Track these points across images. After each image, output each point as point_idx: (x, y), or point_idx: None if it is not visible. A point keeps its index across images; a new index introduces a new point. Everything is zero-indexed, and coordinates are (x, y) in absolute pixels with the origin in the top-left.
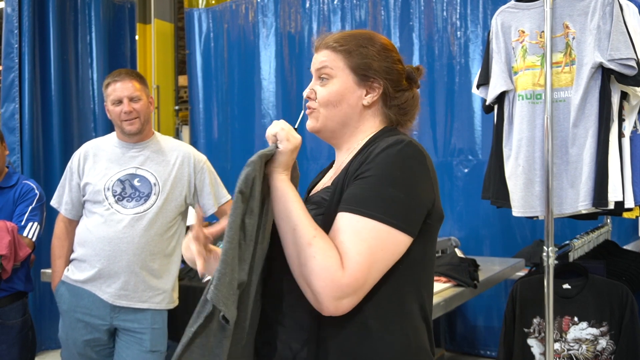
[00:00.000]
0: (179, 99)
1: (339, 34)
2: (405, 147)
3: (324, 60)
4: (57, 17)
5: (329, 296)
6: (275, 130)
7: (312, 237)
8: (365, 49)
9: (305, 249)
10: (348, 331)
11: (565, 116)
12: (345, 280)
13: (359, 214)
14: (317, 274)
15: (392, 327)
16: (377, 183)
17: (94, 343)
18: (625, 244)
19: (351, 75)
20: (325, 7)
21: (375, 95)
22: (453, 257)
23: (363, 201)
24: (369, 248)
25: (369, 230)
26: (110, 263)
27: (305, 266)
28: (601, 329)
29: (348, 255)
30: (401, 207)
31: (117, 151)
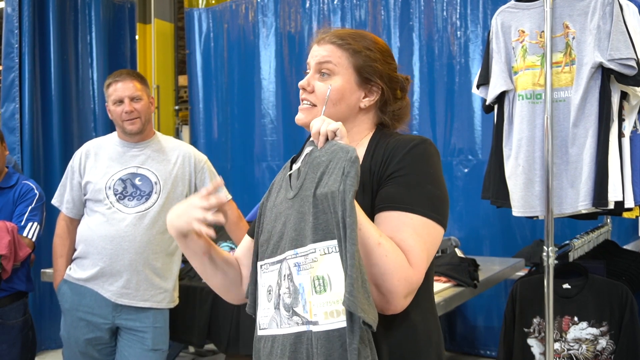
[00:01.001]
0: (179, 98)
1: (344, 31)
2: (429, 145)
3: (327, 55)
4: (57, 17)
5: (402, 293)
6: (336, 125)
7: (379, 236)
8: (371, 52)
9: (375, 250)
10: (396, 329)
11: (565, 116)
12: (416, 276)
13: (411, 211)
14: (391, 272)
15: (430, 320)
16: (416, 181)
17: (96, 342)
18: (625, 243)
19: (354, 75)
20: (325, 7)
21: (372, 100)
22: (453, 257)
23: (410, 199)
24: (425, 244)
25: (423, 226)
26: (113, 261)
27: (377, 266)
28: (601, 329)
29: (413, 252)
30: (439, 203)
31: (119, 150)
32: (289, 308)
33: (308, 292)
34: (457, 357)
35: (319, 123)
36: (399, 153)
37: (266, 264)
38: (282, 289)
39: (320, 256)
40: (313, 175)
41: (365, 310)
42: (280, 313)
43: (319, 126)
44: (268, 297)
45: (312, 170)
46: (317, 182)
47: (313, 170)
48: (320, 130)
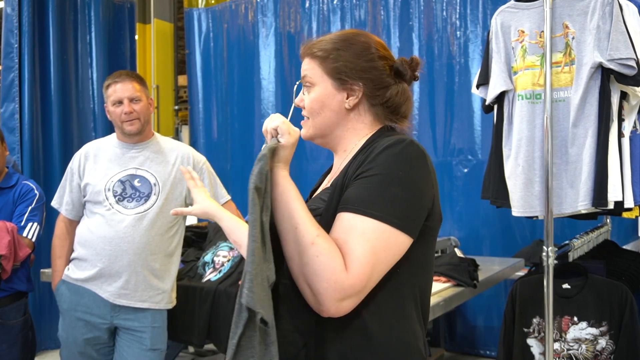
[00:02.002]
0: (178, 98)
1: (321, 39)
2: (407, 146)
3: (305, 69)
4: (57, 17)
5: (331, 297)
6: (277, 123)
7: (315, 236)
8: (339, 51)
9: (308, 249)
10: (348, 336)
11: (565, 116)
12: (349, 281)
13: (362, 214)
14: (320, 274)
15: (392, 332)
16: (380, 182)
17: (94, 342)
18: (624, 243)
19: (329, 81)
20: (325, 7)
21: (356, 98)
22: (453, 257)
23: (366, 201)
24: (372, 249)
25: (373, 230)
26: (112, 262)
27: (308, 266)
28: (601, 329)
29: (352, 256)
30: (404, 208)
31: (117, 152)
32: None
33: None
34: (457, 357)
35: (267, 122)
36: (372, 153)
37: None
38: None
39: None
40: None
41: (265, 307)
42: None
43: (266, 124)
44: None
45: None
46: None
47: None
48: (267, 128)
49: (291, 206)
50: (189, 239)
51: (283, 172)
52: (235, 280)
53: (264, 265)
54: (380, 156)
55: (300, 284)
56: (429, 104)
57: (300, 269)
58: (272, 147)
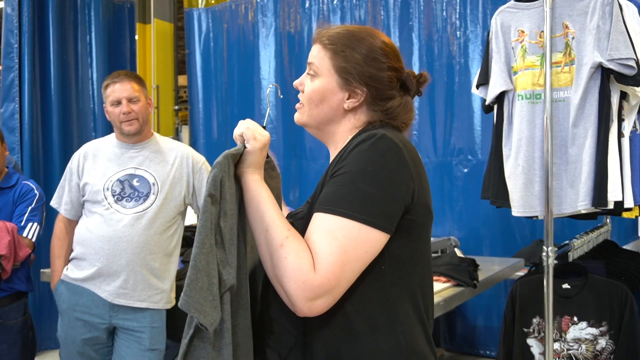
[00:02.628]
0: (178, 98)
1: (336, 29)
2: (377, 140)
3: (314, 56)
4: (57, 17)
5: (301, 297)
6: (241, 130)
7: (284, 237)
8: (352, 51)
9: (277, 250)
10: (334, 335)
11: (565, 116)
12: (317, 281)
13: (330, 212)
14: (288, 275)
15: (380, 329)
16: (349, 180)
17: (93, 342)
18: (624, 243)
19: (335, 76)
20: (325, 7)
21: (357, 101)
22: (452, 257)
23: (335, 200)
24: (341, 247)
25: (341, 228)
26: (110, 262)
27: (278, 267)
28: (601, 329)
29: (319, 255)
30: (374, 203)
31: (117, 151)
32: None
33: None
34: (457, 357)
35: (237, 127)
36: (346, 151)
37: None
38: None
39: None
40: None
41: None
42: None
43: (236, 129)
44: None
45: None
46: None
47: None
48: (235, 134)
49: (262, 209)
50: (189, 239)
51: (253, 176)
52: None
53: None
54: (351, 154)
55: (275, 285)
56: (429, 104)
57: (272, 271)
58: (231, 153)
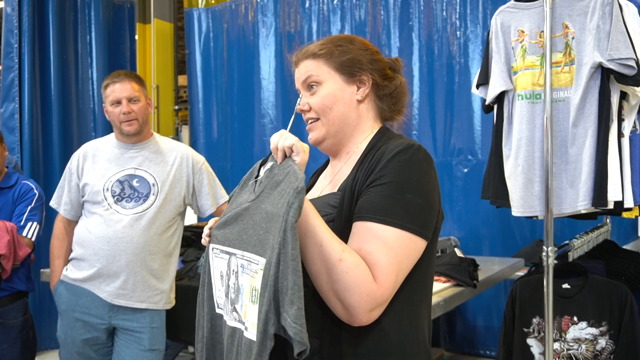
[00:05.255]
0: (178, 98)
1: (313, 43)
2: (416, 151)
3: (307, 71)
4: (57, 17)
5: (364, 309)
6: (292, 141)
7: (341, 252)
8: (344, 46)
9: (336, 266)
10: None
11: (565, 116)
12: (379, 291)
13: (383, 223)
14: (352, 289)
15: (405, 327)
16: (395, 190)
17: (93, 342)
18: (624, 243)
19: (338, 75)
20: (325, 7)
21: (366, 88)
22: (453, 257)
23: (385, 209)
24: (396, 257)
25: (395, 239)
26: (110, 262)
27: (339, 282)
28: (600, 329)
29: (379, 266)
30: (420, 213)
31: (116, 152)
32: (232, 303)
33: (245, 295)
34: (457, 357)
35: (277, 138)
36: (383, 160)
37: (217, 249)
38: (230, 282)
39: (260, 270)
40: (270, 191)
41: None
42: (228, 302)
43: (277, 142)
44: (221, 281)
45: (269, 185)
46: (270, 199)
47: (270, 186)
48: (278, 145)
49: (312, 223)
50: (189, 239)
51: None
52: None
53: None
54: (391, 163)
55: (330, 299)
56: (429, 104)
57: (329, 285)
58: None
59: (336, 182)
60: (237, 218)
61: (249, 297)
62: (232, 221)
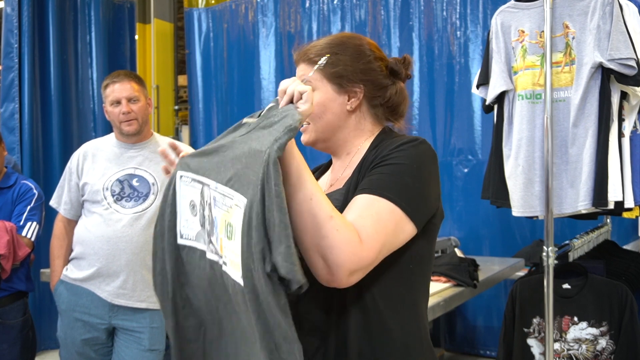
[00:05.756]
0: (178, 98)
1: (314, 43)
2: (421, 144)
3: (303, 75)
4: (57, 17)
5: (347, 269)
6: (306, 88)
7: (331, 209)
8: (337, 56)
9: (326, 222)
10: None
11: (565, 116)
12: (364, 253)
13: (377, 194)
14: (339, 247)
15: (408, 326)
16: (394, 170)
17: (93, 342)
18: (624, 243)
19: (329, 85)
20: (325, 7)
21: (357, 100)
22: (453, 257)
23: (381, 185)
24: (384, 228)
25: (386, 211)
26: (109, 262)
27: (326, 238)
28: (601, 329)
29: (366, 230)
30: (415, 198)
31: (116, 151)
32: (208, 234)
33: (220, 229)
34: (457, 357)
35: (288, 82)
36: (387, 149)
37: (187, 177)
38: (205, 212)
39: (235, 206)
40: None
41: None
42: (205, 234)
43: (287, 85)
44: (192, 210)
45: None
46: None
47: (263, 125)
48: (288, 89)
49: (303, 175)
50: None
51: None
52: None
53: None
54: (395, 151)
55: (312, 256)
56: (429, 104)
57: (315, 241)
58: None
59: (341, 181)
60: (218, 149)
61: (224, 232)
62: (212, 152)
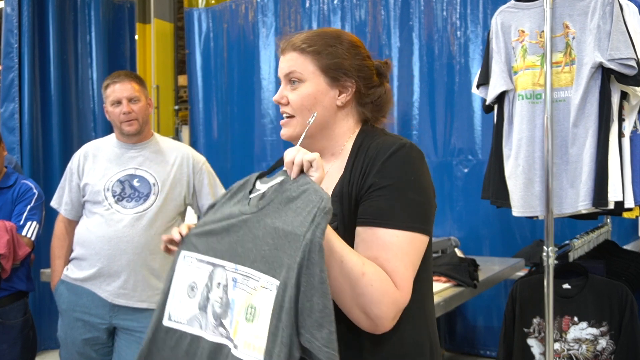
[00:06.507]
0: (178, 98)
1: (305, 33)
2: (409, 149)
3: (292, 65)
4: (57, 17)
5: (390, 317)
6: (314, 156)
7: (362, 265)
8: (334, 47)
9: (360, 280)
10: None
11: (565, 116)
12: (403, 298)
13: (394, 227)
14: (378, 300)
15: (417, 326)
16: (397, 191)
17: (93, 342)
18: (625, 244)
19: (322, 77)
20: (325, 6)
21: (348, 95)
22: (453, 257)
23: (391, 213)
24: (410, 261)
25: (407, 242)
26: (110, 262)
27: (364, 296)
28: (601, 329)
29: (398, 273)
30: (422, 211)
31: (117, 152)
32: (217, 317)
33: (238, 312)
34: (457, 357)
35: (294, 152)
36: (378, 161)
37: (193, 257)
38: (212, 295)
39: (261, 288)
40: (279, 206)
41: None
42: (206, 317)
43: (294, 156)
44: (190, 292)
45: (279, 201)
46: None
47: (280, 201)
48: (295, 160)
49: (331, 240)
50: None
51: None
52: None
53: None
54: (387, 165)
55: (354, 313)
56: (429, 104)
57: (354, 300)
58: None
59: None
60: (229, 229)
61: (243, 314)
62: (221, 231)
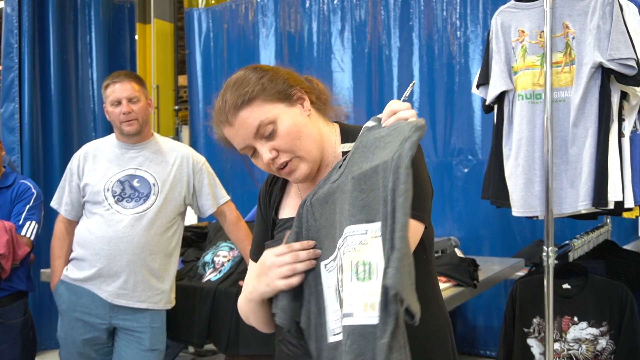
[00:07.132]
0: (178, 98)
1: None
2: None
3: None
4: (57, 17)
5: None
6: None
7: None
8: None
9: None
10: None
11: (565, 116)
12: None
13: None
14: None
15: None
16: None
17: (93, 342)
18: (625, 243)
19: (281, 104)
20: (325, 6)
21: (305, 101)
22: (453, 257)
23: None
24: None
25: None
26: (110, 262)
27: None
28: (601, 329)
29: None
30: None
31: (117, 152)
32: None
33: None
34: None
35: (397, 105)
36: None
37: (330, 262)
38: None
39: (371, 239)
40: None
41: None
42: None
43: (396, 107)
44: (337, 297)
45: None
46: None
47: (365, 145)
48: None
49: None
50: (189, 239)
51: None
52: (235, 281)
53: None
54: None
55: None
56: (429, 104)
57: None
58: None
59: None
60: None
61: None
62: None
